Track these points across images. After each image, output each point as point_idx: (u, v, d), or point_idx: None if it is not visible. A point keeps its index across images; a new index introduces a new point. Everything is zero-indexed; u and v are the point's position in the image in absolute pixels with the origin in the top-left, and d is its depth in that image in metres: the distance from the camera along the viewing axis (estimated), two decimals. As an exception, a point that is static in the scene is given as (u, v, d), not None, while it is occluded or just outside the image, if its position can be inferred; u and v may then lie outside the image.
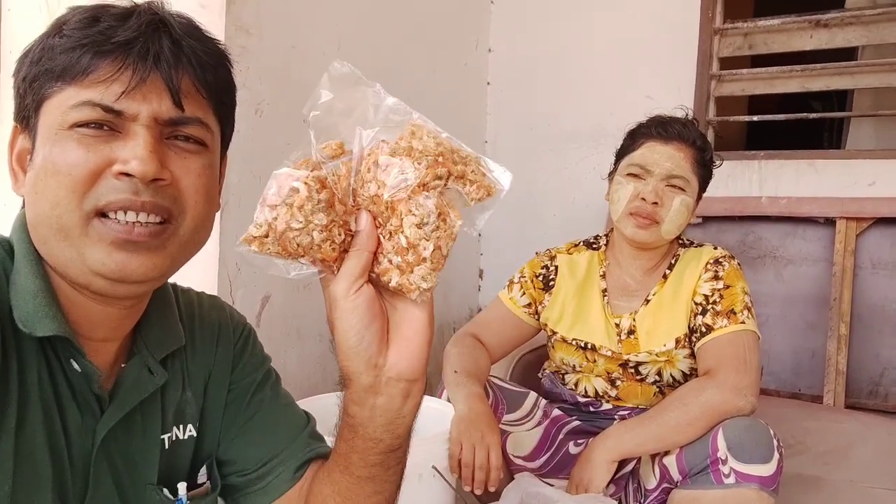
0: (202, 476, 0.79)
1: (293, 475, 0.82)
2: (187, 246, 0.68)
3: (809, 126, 3.49)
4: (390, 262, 0.57)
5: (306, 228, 0.55)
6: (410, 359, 0.61)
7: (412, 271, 0.56)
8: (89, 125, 0.62)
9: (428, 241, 0.55)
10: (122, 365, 0.73)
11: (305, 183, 0.54)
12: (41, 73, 0.63)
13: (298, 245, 0.55)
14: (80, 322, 0.67)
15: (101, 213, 0.62)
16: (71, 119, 0.62)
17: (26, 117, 0.66)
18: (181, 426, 0.78)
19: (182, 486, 0.77)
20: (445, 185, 0.57)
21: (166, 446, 0.76)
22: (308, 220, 0.54)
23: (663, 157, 1.44)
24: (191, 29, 0.68)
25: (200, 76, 0.66)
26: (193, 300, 0.84)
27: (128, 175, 0.61)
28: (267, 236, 0.55)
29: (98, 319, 0.68)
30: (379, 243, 0.58)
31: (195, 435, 0.79)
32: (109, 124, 0.62)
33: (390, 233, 0.56)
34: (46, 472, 0.64)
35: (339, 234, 0.57)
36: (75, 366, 0.66)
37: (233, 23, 1.66)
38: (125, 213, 0.62)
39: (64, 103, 0.62)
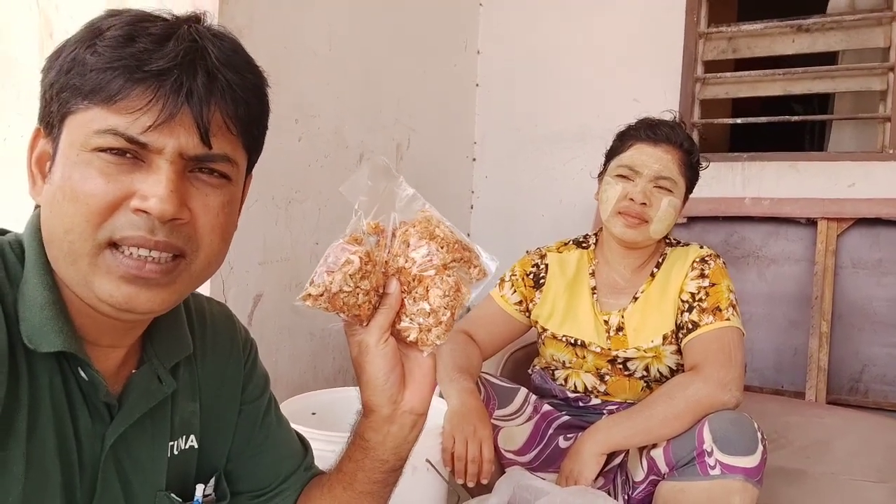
0: (209, 488, 0.81)
1: (295, 499, 0.88)
2: (196, 281, 0.68)
3: (791, 128, 3.56)
4: (412, 320, 0.71)
5: (354, 291, 0.68)
6: (421, 397, 0.75)
7: (430, 331, 0.71)
8: (112, 151, 0.61)
9: (447, 309, 0.70)
10: (133, 371, 0.73)
11: (359, 256, 0.68)
12: (69, 86, 0.62)
13: (344, 303, 0.68)
14: (88, 330, 0.67)
15: (113, 244, 0.62)
16: (94, 143, 0.61)
17: (50, 124, 0.64)
18: (184, 436, 0.78)
19: (200, 488, 0.79)
20: (458, 266, 0.72)
21: (173, 453, 0.77)
22: (357, 286, 0.68)
23: (651, 158, 1.48)
24: (229, 57, 0.65)
25: (232, 112, 0.65)
26: (204, 308, 0.84)
27: (146, 212, 0.61)
28: (321, 295, 0.67)
29: (105, 329, 0.68)
30: (402, 305, 0.71)
31: (196, 447, 0.80)
32: (133, 153, 0.61)
33: (415, 298, 0.71)
34: (56, 476, 0.64)
35: (375, 296, 0.70)
36: (83, 374, 0.66)
37: (226, 24, 1.64)
38: (138, 249, 0.62)
39: (89, 124, 0.61)
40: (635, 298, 1.55)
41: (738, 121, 2.69)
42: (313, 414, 1.56)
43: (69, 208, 0.61)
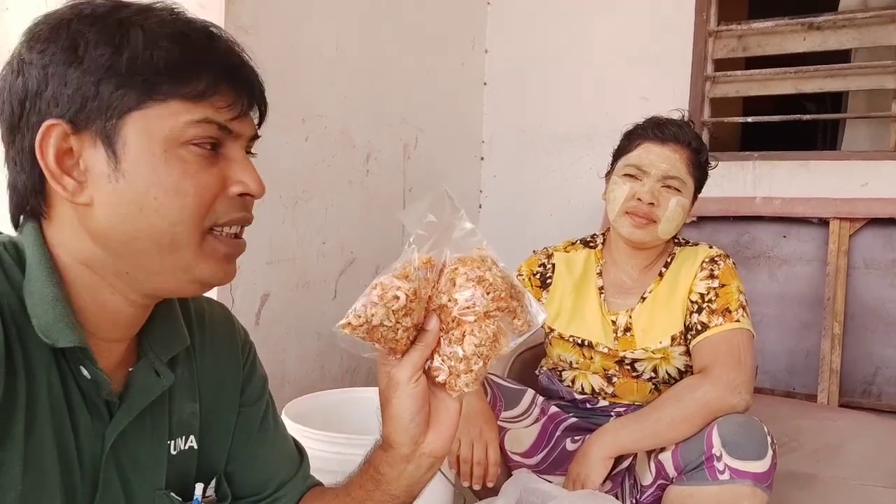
0: (210, 489, 0.81)
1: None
2: None
3: (803, 127, 3.51)
4: (443, 361, 0.70)
5: (394, 327, 0.67)
6: (443, 441, 0.74)
7: (459, 376, 0.70)
8: (203, 144, 0.65)
9: (479, 358, 0.69)
10: (130, 369, 0.73)
11: (406, 294, 0.67)
12: (131, 83, 0.62)
13: (383, 336, 0.67)
14: (91, 325, 0.68)
15: (209, 228, 0.67)
16: (189, 135, 0.64)
17: (88, 119, 0.63)
18: (183, 437, 0.78)
19: (199, 488, 0.79)
20: (501, 316, 0.71)
21: (172, 453, 0.76)
22: (398, 322, 0.67)
23: (659, 158, 1.46)
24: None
25: (263, 100, 0.72)
26: (204, 308, 0.84)
27: (247, 195, 0.68)
28: (361, 326, 0.66)
29: (111, 323, 0.69)
30: (438, 343, 0.70)
31: (195, 447, 0.80)
32: (217, 143, 0.66)
33: (450, 340, 0.70)
34: (55, 477, 0.64)
35: (414, 331, 0.69)
36: (85, 372, 0.66)
37: (232, 22, 1.67)
38: (230, 228, 0.69)
39: (174, 117, 0.63)
40: (643, 298, 1.54)
41: (749, 119, 2.67)
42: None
43: (174, 202, 0.64)
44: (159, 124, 0.63)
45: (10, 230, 0.71)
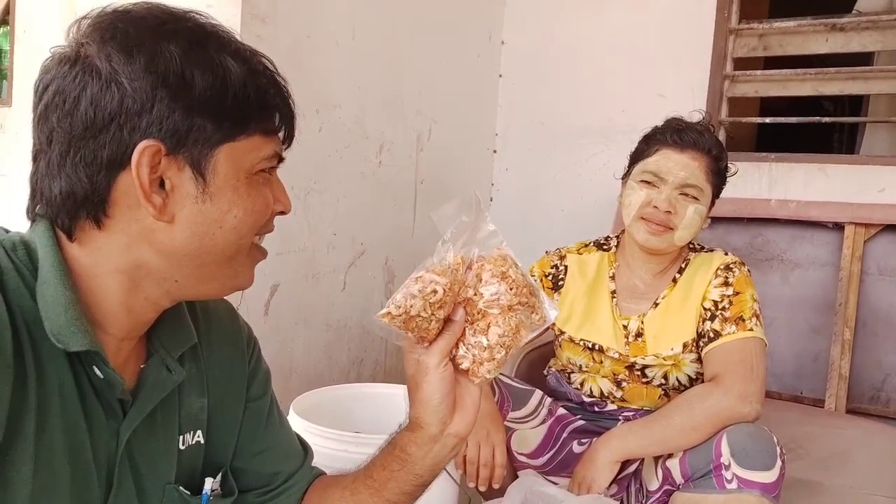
0: (216, 483, 0.82)
1: (300, 497, 0.91)
2: None
3: (820, 128, 3.48)
4: (468, 350, 0.75)
5: (429, 318, 0.72)
6: (467, 422, 0.78)
7: (482, 364, 0.75)
8: (266, 171, 0.72)
9: (503, 348, 0.74)
10: (141, 366, 0.74)
11: (443, 288, 0.72)
12: (228, 116, 0.67)
13: (417, 326, 0.72)
14: (108, 325, 0.69)
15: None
16: (262, 165, 0.71)
17: (184, 145, 0.65)
18: (191, 432, 0.80)
19: (208, 482, 0.80)
20: (522, 310, 0.76)
21: (180, 447, 0.78)
22: (433, 314, 0.72)
23: (678, 165, 1.44)
24: None
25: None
26: (208, 302, 0.85)
27: (284, 213, 0.76)
28: (400, 316, 0.71)
29: (131, 324, 0.71)
30: (462, 333, 0.75)
31: (202, 442, 0.82)
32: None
33: (475, 330, 0.75)
34: (65, 476, 0.65)
35: (443, 322, 0.74)
36: (98, 373, 0.67)
37: (249, 11, 1.66)
38: (262, 238, 0.77)
39: (256, 151, 0.70)
40: (656, 304, 1.52)
41: (767, 120, 2.63)
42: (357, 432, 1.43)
43: (248, 220, 0.70)
44: (244, 156, 0.69)
45: (11, 228, 0.71)
